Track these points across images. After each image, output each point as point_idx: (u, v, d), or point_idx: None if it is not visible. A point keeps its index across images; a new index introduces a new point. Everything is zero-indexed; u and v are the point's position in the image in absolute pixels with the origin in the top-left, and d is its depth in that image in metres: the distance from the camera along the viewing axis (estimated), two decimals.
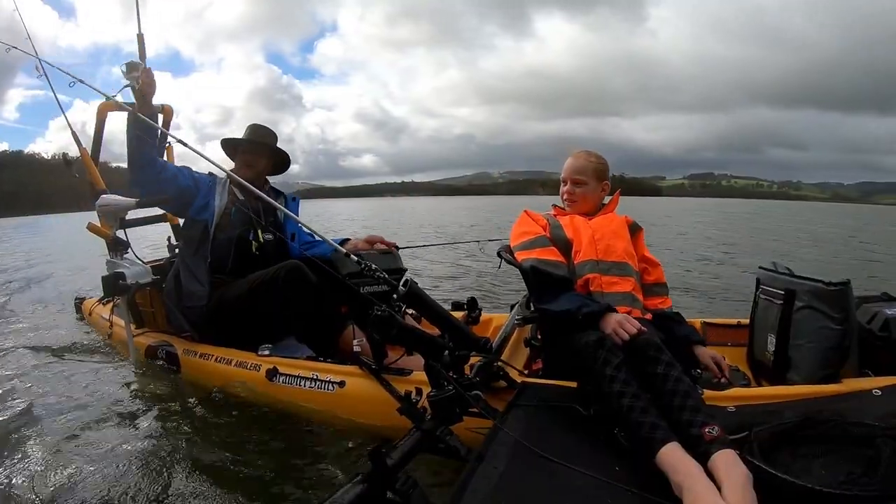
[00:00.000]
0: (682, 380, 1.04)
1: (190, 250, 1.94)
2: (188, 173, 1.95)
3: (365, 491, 0.88)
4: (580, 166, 1.55)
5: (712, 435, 0.91)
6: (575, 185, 1.56)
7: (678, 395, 1.01)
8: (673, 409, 0.99)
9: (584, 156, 1.58)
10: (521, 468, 0.93)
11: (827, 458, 0.91)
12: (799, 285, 1.33)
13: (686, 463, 0.89)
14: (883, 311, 1.34)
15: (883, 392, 1.09)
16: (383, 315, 1.16)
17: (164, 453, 1.42)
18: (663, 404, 1.01)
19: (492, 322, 2.10)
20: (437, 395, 1.11)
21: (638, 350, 1.12)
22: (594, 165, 1.56)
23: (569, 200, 1.58)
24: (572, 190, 1.56)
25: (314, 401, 1.56)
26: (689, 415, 0.97)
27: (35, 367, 2.25)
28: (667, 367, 1.06)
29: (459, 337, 1.24)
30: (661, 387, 1.04)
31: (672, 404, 1.00)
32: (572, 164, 1.56)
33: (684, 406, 0.99)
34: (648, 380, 1.06)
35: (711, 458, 0.88)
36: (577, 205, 1.57)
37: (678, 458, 0.90)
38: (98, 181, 2.14)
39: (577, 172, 1.55)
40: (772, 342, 1.39)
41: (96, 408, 1.76)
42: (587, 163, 1.56)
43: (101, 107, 2.21)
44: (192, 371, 1.91)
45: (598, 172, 1.56)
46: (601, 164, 1.57)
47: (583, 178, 1.55)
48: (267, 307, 1.75)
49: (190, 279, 1.91)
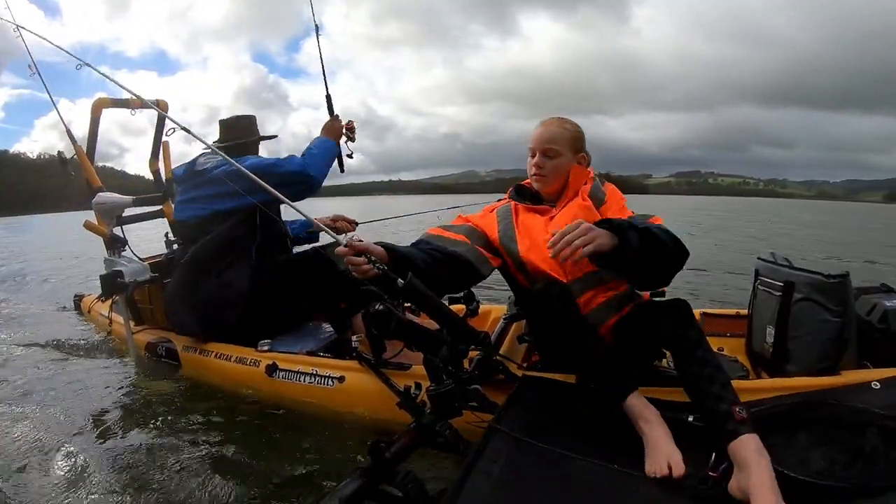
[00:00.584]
0: (712, 351, 1.02)
1: (231, 245, 1.81)
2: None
3: (365, 485, 0.88)
4: (552, 134, 1.29)
5: (742, 415, 0.91)
6: (545, 157, 1.29)
7: (709, 364, 0.99)
8: (703, 379, 0.97)
9: (557, 122, 1.32)
10: (520, 461, 0.93)
11: (817, 445, 0.92)
12: (798, 277, 1.32)
13: (649, 410, 1.01)
14: (882, 303, 1.34)
15: (882, 384, 1.09)
16: (382, 310, 1.16)
17: (163, 449, 1.43)
18: (691, 373, 0.99)
19: (490, 314, 2.10)
20: (436, 390, 1.11)
21: (669, 308, 1.10)
22: (570, 133, 1.30)
23: (537, 175, 1.31)
24: (542, 163, 1.29)
25: (314, 396, 1.57)
26: (719, 389, 0.95)
27: (34, 365, 2.24)
28: (699, 333, 1.04)
29: (458, 331, 1.24)
30: (691, 351, 1.01)
31: (702, 373, 0.98)
32: (542, 132, 1.30)
33: (714, 378, 0.96)
34: (677, 342, 1.04)
35: (738, 438, 0.88)
36: (548, 181, 1.31)
37: (641, 405, 1.01)
38: (94, 179, 2.14)
39: (548, 141, 1.29)
40: (770, 334, 1.39)
41: (96, 405, 1.76)
42: (561, 129, 1.30)
43: (95, 104, 2.20)
44: (192, 367, 1.91)
45: (575, 141, 1.31)
46: (578, 132, 1.32)
47: (556, 148, 1.28)
48: (313, 285, 1.82)
49: (235, 274, 1.79)
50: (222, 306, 1.80)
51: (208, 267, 1.80)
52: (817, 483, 0.83)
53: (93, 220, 2.12)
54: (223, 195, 1.73)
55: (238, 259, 1.81)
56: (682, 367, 1.03)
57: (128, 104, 2.26)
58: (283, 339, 1.85)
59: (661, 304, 1.14)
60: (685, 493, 0.86)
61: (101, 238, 2.12)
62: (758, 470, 0.83)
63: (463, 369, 1.22)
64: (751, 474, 0.83)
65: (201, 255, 1.81)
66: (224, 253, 1.80)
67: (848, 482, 0.83)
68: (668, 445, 0.94)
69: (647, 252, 1.00)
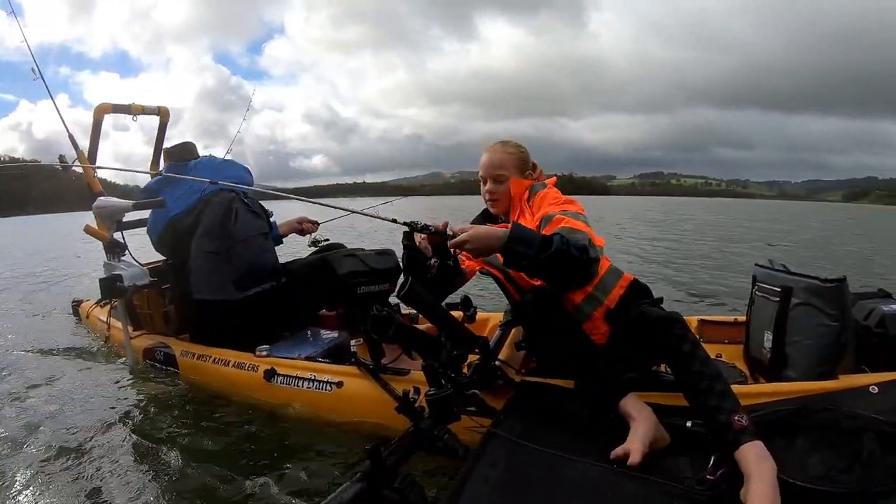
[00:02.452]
0: (709, 362, 1.01)
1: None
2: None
3: (363, 489, 0.88)
4: (497, 160, 1.39)
5: (742, 424, 0.91)
6: (496, 183, 1.39)
7: (705, 377, 0.98)
8: (699, 392, 0.97)
9: (500, 147, 1.42)
10: (518, 465, 0.93)
11: (815, 450, 0.93)
12: (795, 282, 1.33)
13: (644, 409, 1.04)
14: (879, 308, 1.34)
15: (880, 388, 1.09)
16: (381, 315, 1.16)
17: (161, 454, 1.42)
18: (689, 386, 1.00)
19: (489, 321, 2.10)
20: (434, 395, 1.11)
21: (661, 325, 1.08)
22: (513, 156, 1.40)
23: (491, 201, 1.42)
24: (493, 189, 1.39)
25: (312, 401, 1.56)
26: (717, 400, 0.94)
27: (32, 370, 2.24)
28: (693, 346, 1.03)
29: (457, 336, 1.24)
30: (686, 366, 1.01)
31: (698, 387, 0.98)
32: (488, 159, 1.40)
33: (711, 390, 0.96)
34: (673, 357, 1.04)
35: (741, 448, 0.88)
36: (501, 204, 1.41)
37: (639, 406, 1.04)
38: (94, 183, 2.14)
39: (496, 168, 1.39)
40: (768, 339, 1.39)
41: (94, 410, 1.76)
42: (504, 155, 1.40)
43: (97, 109, 2.21)
44: (190, 372, 1.91)
45: (520, 162, 1.41)
46: (521, 153, 1.42)
47: (503, 174, 1.38)
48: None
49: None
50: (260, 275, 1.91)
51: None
52: (816, 489, 0.83)
53: (88, 223, 2.13)
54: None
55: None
56: (680, 380, 1.03)
57: (129, 110, 2.28)
58: (281, 345, 1.85)
59: (653, 320, 1.10)
60: (681, 494, 0.86)
61: (101, 242, 2.12)
62: (758, 483, 0.83)
63: (461, 374, 1.23)
64: (750, 487, 0.83)
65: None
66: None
67: (846, 487, 0.83)
68: (635, 435, 0.97)
69: (541, 259, 1.07)
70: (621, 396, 1.05)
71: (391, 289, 1.99)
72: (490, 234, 1.11)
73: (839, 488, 0.83)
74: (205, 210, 1.89)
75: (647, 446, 0.96)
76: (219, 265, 1.84)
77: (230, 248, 1.86)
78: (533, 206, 1.33)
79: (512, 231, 1.09)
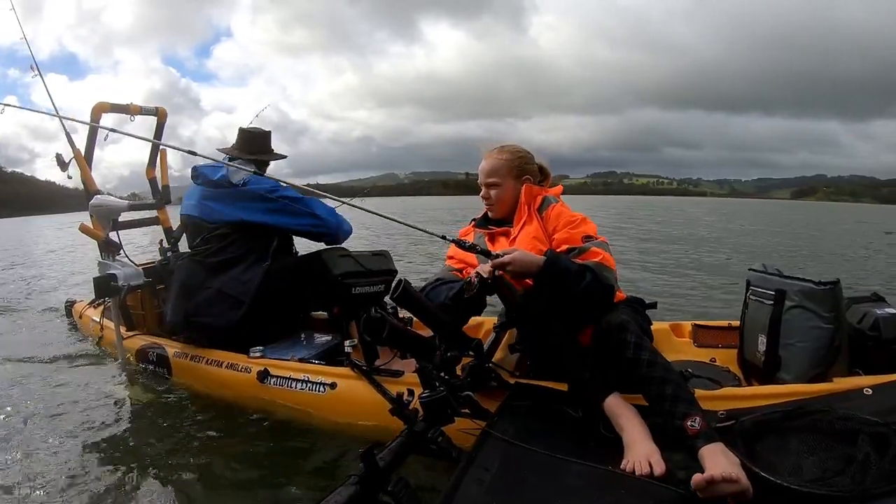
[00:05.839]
0: (655, 364, 1.00)
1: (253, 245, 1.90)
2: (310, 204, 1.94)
3: (357, 492, 0.87)
4: (491, 167, 1.42)
5: (695, 428, 0.90)
6: (490, 189, 1.43)
7: (654, 382, 0.97)
8: (651, 399, 0.97)
9: (496, 154, 1.44)
10: (512, 467, 0.93)
11: (809, 453, 0.92)
12: (789, 285, 1.33)
13: (627, 409, 1.02)
14: (872, 311, 1.35)
15: (874, 390, 1.09)
16: (374, 316, 1.15)
17: (154, 456, 1.41)
18: (642, 391, 0.99)
19: (483, 325, 2.09)
20: (428, 397, 1.10)
21: (608, 331, 1.08)
22: (507, 162, 1.41)
23: (488, 205, 1.46)
24: (487, 194, 1.43)
25: (306, 403, 1.55)
26: (669, 405, 0.94)
27: (24, 371, 2.22)
28: (637, 350, 1.02)
29: (451, 338, 1.24)
30: (632, 372, 1.00)
31: (650, 393, 0.97)
32: (484, 165, 1.44)
33: (663, 395, 0.95)
34: (620, 363, 1.04)
35: (699, 452, 0.88)
36: (496, 208, 1.44)
37: (619, 405, 1.03)
38: (91, 182, 2.13)
39: (489, 174, 1.42)
40: (762, 342, 1.39)
41: (86, 412, 1.74)
42: (498, 161, 1.42)
43: (95, 108, 2.20)
44: (184, 373, 1.89)
45: (514, 168, 1.42)
46: (516, 158, 1.43)
47: (496, 180, 1.41)
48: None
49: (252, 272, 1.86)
50: (231, 305, 1.81)
51: (226, 264, 1.86)
52: (812, 492, 0.83)
53: (84, 222, 2.11)
54: (253, 209, 1.86)
55: (257, 260, 1.86)
56: (635, 385, 1.04)
57: (127, 110, 2.27)
58: (275, 347, 1.84)
59: (604, 327, 1.13)
60: (675, 494, 0.85)
61: (96, 241, 2.11)
62: (711, 464, 0.84)
63: (455, 376, 1.22)
64: (706, 469, 0.84)
65: (225, 253, 1.87)
66: (248, 251, 1.87)
67: (841, 490, 0.83)
68: (644, 443, 0.95)
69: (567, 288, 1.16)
70: (605, 395, 1.05)
71: (386, 290, 1.99)
72: (531, 261, 1.18)
73: (834, 491, 0.82)
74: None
75: (654, 448, 0.94)
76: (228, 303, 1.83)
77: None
78: (545, 218, 1.37)
79: (548, 260, 1.17)
